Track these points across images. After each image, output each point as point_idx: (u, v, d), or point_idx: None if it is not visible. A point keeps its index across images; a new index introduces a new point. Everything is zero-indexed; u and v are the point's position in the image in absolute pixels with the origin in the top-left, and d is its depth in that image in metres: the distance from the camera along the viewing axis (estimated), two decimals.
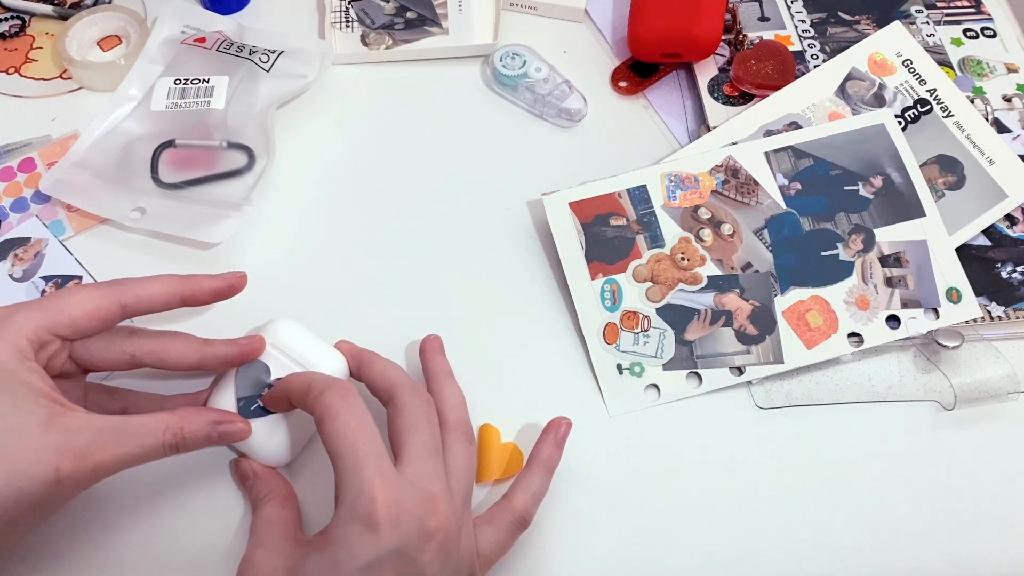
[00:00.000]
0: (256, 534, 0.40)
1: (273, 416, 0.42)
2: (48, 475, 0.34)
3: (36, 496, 0.34)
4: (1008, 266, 0.54)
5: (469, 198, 0.56)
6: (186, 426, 0.38)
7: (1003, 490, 0.47)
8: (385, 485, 0.35)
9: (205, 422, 0.39)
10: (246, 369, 0.43)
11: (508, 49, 0.61)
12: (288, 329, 0.44)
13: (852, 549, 0.45)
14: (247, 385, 0.42)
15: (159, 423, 0.37)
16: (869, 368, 0.51)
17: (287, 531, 0.40)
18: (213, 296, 0.43)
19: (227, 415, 0.40)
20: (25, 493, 0.34)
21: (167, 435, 0.37)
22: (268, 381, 0.42)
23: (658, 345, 0.50)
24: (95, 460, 0.35)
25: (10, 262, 0.51)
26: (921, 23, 0.64)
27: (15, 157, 0.55)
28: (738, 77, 0.59)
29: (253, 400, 0.42)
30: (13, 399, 0.35)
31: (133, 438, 0.36)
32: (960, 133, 0.57)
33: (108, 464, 0.36)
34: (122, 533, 0.43)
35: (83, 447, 0.35)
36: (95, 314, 0.39)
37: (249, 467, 0.43)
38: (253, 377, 0.43)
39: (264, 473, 0.43)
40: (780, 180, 0.54)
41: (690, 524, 0.46)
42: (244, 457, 0.44)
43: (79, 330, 0.38)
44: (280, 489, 0.42)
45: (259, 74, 0.57)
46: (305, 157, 0.57)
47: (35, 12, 0.62)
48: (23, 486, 0.34)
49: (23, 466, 0.34)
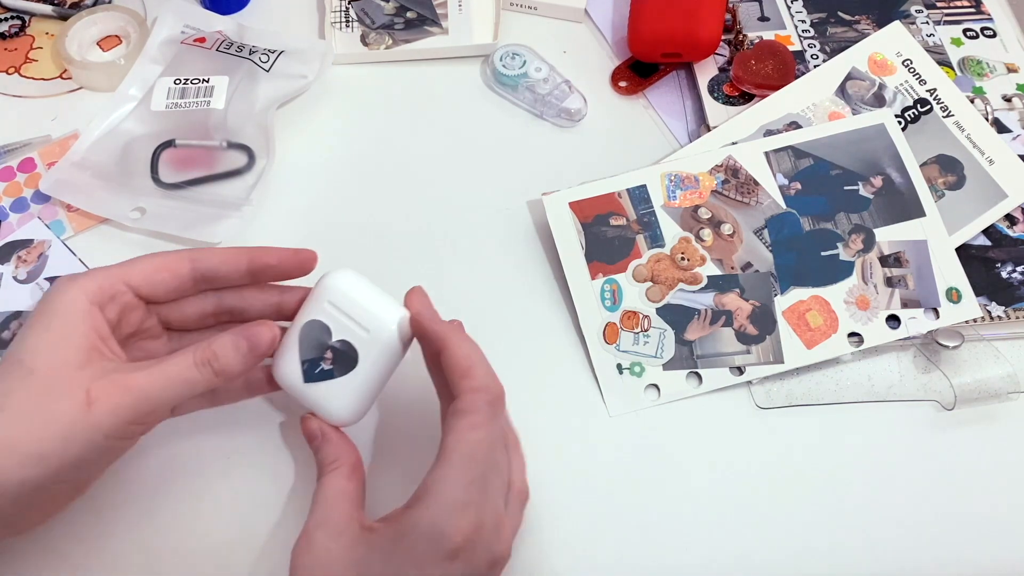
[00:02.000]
0: (319, 507, 0.38)
1: (341, 378, 0.41)
2: (79, 398, 0.35)
3: (70, 424, 0.35)
4: (1008, 266, 0.54)
5: (469, 198, 0.56)
6: (214, 342, 0.38)
7: (1003, 490, 0.47)
8: (479, 520, 0.35)
9: (231, 334, 0.39)
10: (307, 332, 0.41)
11: (508, 49, 0.61)
12: (346, 282, 0.41)
13: (852, 549, 0.45)
14: (310, 348, 0.41)
15: (190, 347, 0.38)
16: (869, 368, 0.51)
17: (350, 509, 0.38)
18: (279, 262, 0.42)
19: (253, 324, 0.40)
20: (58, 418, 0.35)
21: (197, 353, 0.38)
22: (330, 343, 0.41)
23: (658, 345, 0.50)
24: (126, 382, 0.36)
25: (14, 264, 0.51)
26: (921, 23, 0.64)
27: (15, 157, 0.55)
28: (738, 77, 0.59)
29: (317, 363, 0.41)
30: (63, 335, 0.36)
31: (165, 361, 0.37)
32: (960, 133, 0.57)
33: (141, 386, 0.36)
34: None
35: (116, 373, 0.36)
36: (164, 266, 0.40)
37: (318, 427, 0.41)
38: (315, 339, 0.41)
39: (333, 436, 0.41)
40: (780, 180, 0.54)
41: (690, 524, 0.46)
42: (313, 416, 0.42)
43: (150, 281, 0.40)
44: (348, 457, 0.41)
45: (259, 74, 0.57)
46: (305, 157, 0.57)
47: (35, 12, 0.62)
48: (56, 410, 0.35)
49: (57, 390, 0.35)
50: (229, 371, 0.38)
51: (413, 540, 0.34)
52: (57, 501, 0.39)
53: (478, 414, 0.36)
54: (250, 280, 0.42)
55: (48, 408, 0.35)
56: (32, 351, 0.36)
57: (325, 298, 0.41)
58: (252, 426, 0.47)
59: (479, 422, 0.36)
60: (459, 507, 0.35)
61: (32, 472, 0.34)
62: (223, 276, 0.41)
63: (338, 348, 0.40)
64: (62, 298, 0.37)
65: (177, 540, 0.43)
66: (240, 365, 0.39)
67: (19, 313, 0.49)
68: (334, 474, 0.40)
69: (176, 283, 0.40)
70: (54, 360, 0.36)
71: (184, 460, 0.45)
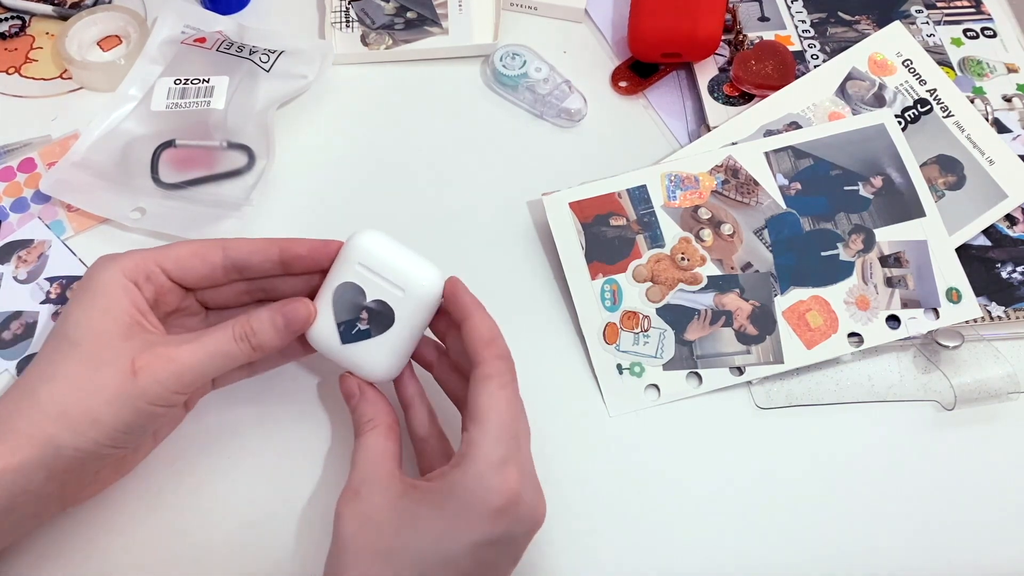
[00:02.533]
0: (361, 465, 0.39)
1: (378, 336, 0.42)
2: (125, 367, 0.37)
3: (118, 391, 0.36)
4: (1008, 266, 0.54)
5: (469, 198, 0.56)
6: (252, 317, 0.40)
7: (1003, 490, 0.47)
8: (521, 477, 0.37)
9: (268, 310, 0.40)
10: (340, 294, 0.42)
11: (508, 49, 0.61)
12: (374, 243, 0.42)
13: (852, 549, 0.45)
14: (344, 310, 0.42)
15: (228, 322, 0.40)
16: (869, 368, 0.51)
17: (391, 466, 0.39)
18: (308, 252, 0.42)
19: (290, 299, 0.41)
20: (106, 386, 0.36)
21: (235, 327, 0.39)
22: (365, 303, 0.41)
23: (658, 345, 0.50)
24: (169, 354, 0.38)
25: (14, 264, 0.51)
26: (921, 23, 0.64)
27: (15, 157, 0.55)
28: (738, 77, 0.59)
29: (353, 324, 0.42)
30: (105, 309, 0.38)
31: (205, 334, 0.39)
32: (960, 133, 0.57)
33: (184, 358, 0.38)
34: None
35: (159, 345, 0.38)
36: (197, 251, 0.41)
37: (356, 385, 0.42)
38: (349, 301, 0.42)
39: (371, 395, 0.42)
40: (780, 180, 0.54)
41: (690, 524, 0.46)
42: (350, 374, 0.43)
43: (181, 266, 0.41)
44: (386, 417, 0.41)
45: (259, 74, 0.57)
46: (305, 157, 0.57)
47: (35, 12, 0.62)
48: (103, 379, 0.37)
49: (103, 360, 0.37)
50: (266, 346, 0.40)
51: (462, 497, 0.36)
52: (110, 471, 0.41)
53: (505, 376, 0.38)
54: (280, 271, 0.43)
55: (95, 377, 0.37)
56: (76, 325, 0.38)
57: (355, 259, 0.42)
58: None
59: (507, 382, 0.38)
60: (501, 464, 0.36)
61: (85, 438, 0.36)
62: (255, 266, 0.42)
63: (373, 308, 0.41)
64: (101, 276, 0.39)
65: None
66: (277, 340, 0.40)
67: (19, 313, 0.49)
68: (373, 432, 0.40)
69: (207, 270, 0.42)
70: (98, 332, 0.38)
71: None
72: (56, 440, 0.36)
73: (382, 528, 0.36)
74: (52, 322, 0.49)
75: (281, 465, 0.46)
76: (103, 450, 0.37)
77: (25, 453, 0.35)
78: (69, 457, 0.36)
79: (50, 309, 0.49)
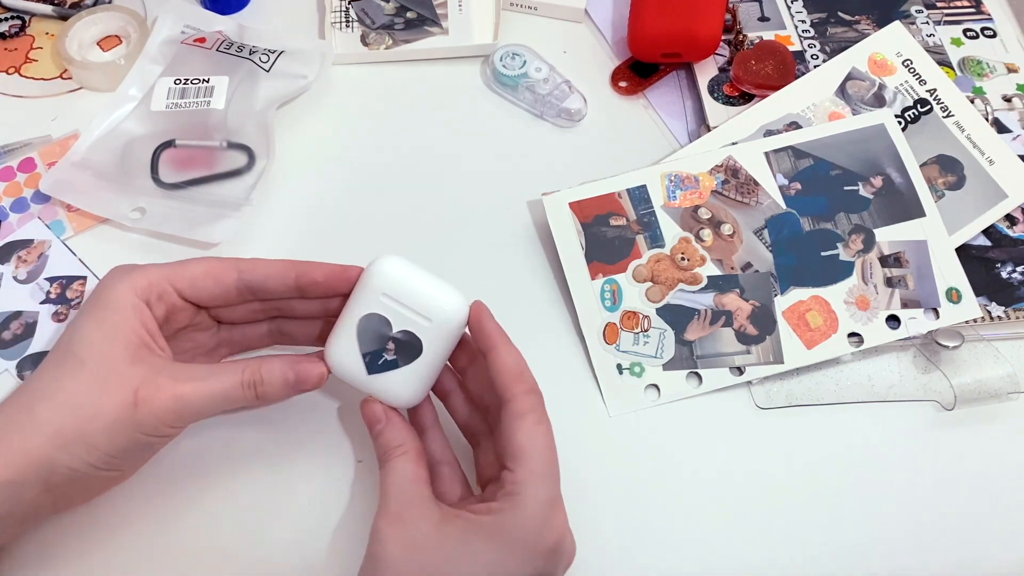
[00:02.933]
0: (397, 489, 0.39)
1: (404, 368, 0.41)
2: (127, 397, 0.37)
3: (116, 419, 0.36)
4: (1008, 266, 0.54)
5: (469, 198, 0.56)
6: (263, 366, 0.39)
7: (1003, 490, 0.47)
8: (566, 517, 0.39)
9: (282, 363, 0.40)
10: (365, 325, 0.41)
11: (508, 49, 0.61)
12: (397, 271, 0.41)
13: (852, 549, 0.45)
14: (370, 341, 0.41)
15: (239, 365, 0.39)
16: (869, 368, 0.51)
17: (427, 491, 0.39)
18: (325, 278, 0.41)
19: (305, 357, 0.41)
20: (105, 413, 0.36)
21: (245, 373, 0.39)
22: (392, 334, 0.41)
23: (658, 345, 0.50)
24: (173, 390, 0.37)
25: (14, 264, 0.51)
26: (921, 23, 0.64)
27: (15, 157, 0.55)
28: (738, 77, 0.59)
29: (379, 354, 0.41)
30: (114, 329, 0.38)
31: (212, 374, 0.39)
32: (960, 133, 0.57)
33: (187, 396, 0.38)
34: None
35: (164, 378, 0.38)
36: (211, 271, 0.41)
37: (382, 411, 0.41)
38: (375, 332, 0.41)
39: (398, 421, 0.41)
40: (780, 180, 0.54)
41: (690, 524, 0.46)
42: (373, 400, 0.42)
43: (194, 286, 0.41)
44: (415, 443, 0.41)
45: (259, 74, 0.57)
46: (305, 157, 0.57)
47: (35, 12, 0.62)
48: (104, 404, 0.36)
49: (107, 385, 0.37)
50: (271, 398, 0.40)
51: (517, 536, 0.37)
52: (101, 485, 0.41)
53: (538, 411, 0.39)
54: (296, 295, 0.42)
55: (97, 402, 0.37)
56: (82, 341, 0.38)
57: (379, 289, 0.41)
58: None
59: (541, 417, 0.39)
60: (551, 504, 0.37)
61: (80, 461, 0.36)
62: (270, 290, 0.42)
63: (400, 339, 0.41)
64: (113, 292, 0.39)
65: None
66: (283, 395, 0.40)
67: (19, 313, 0.49)
68: (403, 458, 0.40)
69: (220, 291, 0.41)
70: (105, 354, 0.37)
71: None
72: (51, 458, 0.36)
73: (430, 554, 0.36)
74: (52, 322, 0.49)
75: (279, 473, 0.46)
76: (97, 472, 0.37)
77: (20, 468, 0.35)
78: (63, 474, 0.36)
79: (50, 309, 0.49)
